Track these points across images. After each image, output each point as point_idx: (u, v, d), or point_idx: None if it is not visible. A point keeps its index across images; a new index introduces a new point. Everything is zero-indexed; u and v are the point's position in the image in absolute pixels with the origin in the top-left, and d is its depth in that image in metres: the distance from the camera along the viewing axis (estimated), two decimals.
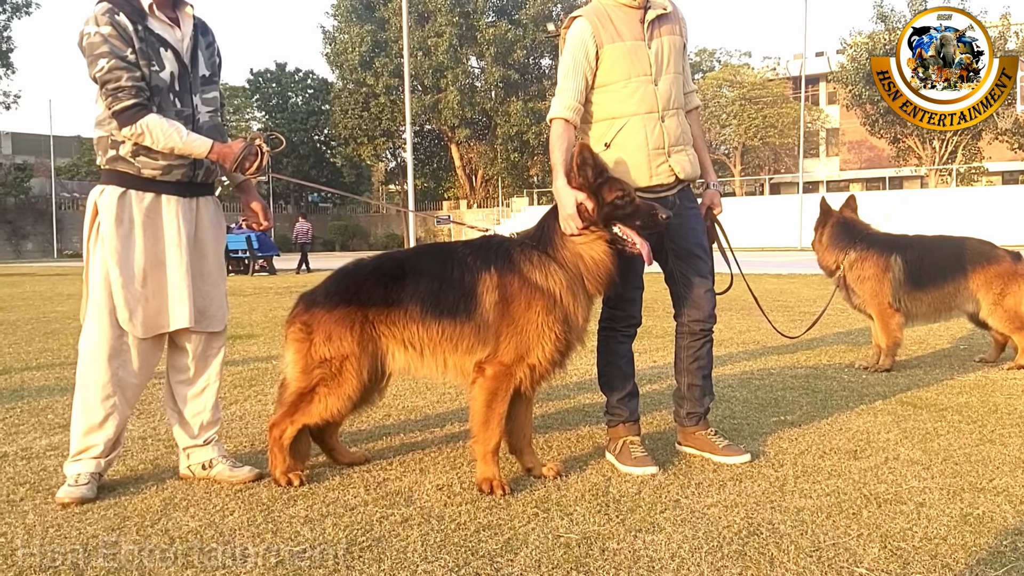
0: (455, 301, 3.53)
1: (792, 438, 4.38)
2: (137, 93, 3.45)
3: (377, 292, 3.61)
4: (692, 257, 4.03)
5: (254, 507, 3.37)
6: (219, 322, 3.81)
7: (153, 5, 3.55)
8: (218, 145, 3.57)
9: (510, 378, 3.51)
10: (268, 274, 23.48)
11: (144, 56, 3.48)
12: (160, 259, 3.59)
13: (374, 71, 51.26)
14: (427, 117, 52.85)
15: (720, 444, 4.04)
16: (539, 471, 3.75)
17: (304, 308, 3.71)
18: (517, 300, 3.49)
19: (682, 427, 4.17)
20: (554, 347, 3.51)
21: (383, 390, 3.98)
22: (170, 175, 3.57)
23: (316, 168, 57.90)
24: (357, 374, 3.58)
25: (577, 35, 3.89)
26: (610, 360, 4.07)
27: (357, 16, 52.98)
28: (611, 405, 4.07)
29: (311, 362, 3.61)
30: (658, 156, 3.92)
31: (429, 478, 3.76)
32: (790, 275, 17.70)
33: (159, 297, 3.60)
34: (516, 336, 3.48)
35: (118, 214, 3.53)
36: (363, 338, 3.58)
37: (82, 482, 3.52)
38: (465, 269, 3.55)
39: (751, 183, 58.10)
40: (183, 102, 3.61)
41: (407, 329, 3.57)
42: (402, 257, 3.74)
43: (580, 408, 5.19)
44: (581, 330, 3.62)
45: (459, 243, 3.71)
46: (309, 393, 3.62)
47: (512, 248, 3.59)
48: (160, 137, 3.46)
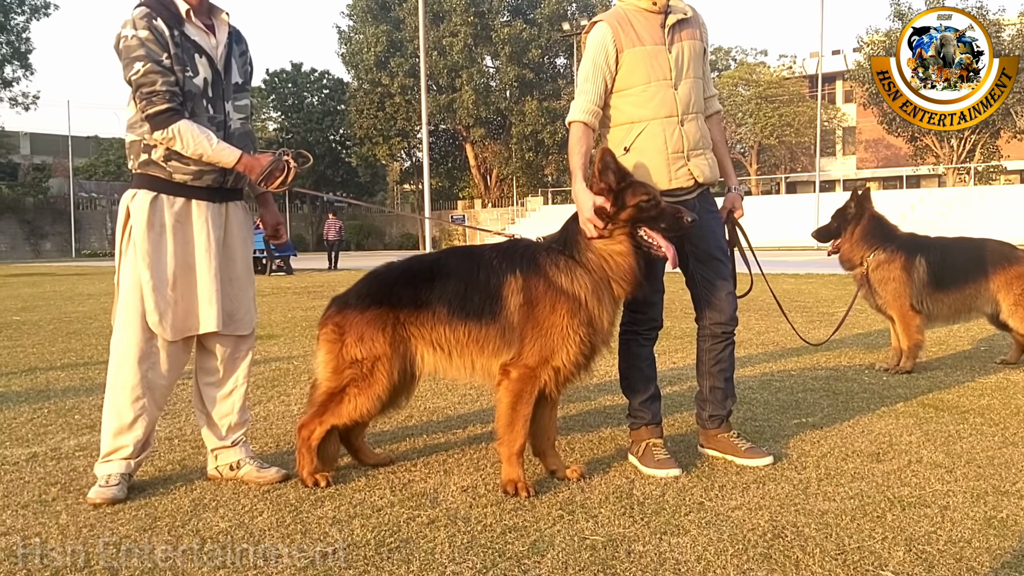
0: (481, 303, 3.57)
1: (814, 440, 4.39)
2: (171, 98, 3.49)
3: (407, 294, 3.65)
4: (712, 260, 4.05)
5: (283, 508, 3.42)
6: (247, 325, 3.86)
7: (190, 11, 3.61)
8: (246, 157, 3.62)
9: (535, 380, 3.54)
10: (285, 274, 23.59)
11: (179, 61, 3.54)
12: (190, 263, 3.65)
13: (389, 71, 51.45)
14: (442, 117, 52.99)
15: (743, 446, 4.06)
16: (562, 473, 3.78)
17: (336, 310, 3.76)
18: (542, 303, 3.52)
19: (704, 429, 4.19)
20: (578, 350, 3.54)
21: (411, 392, 4.02)
22: (201, 180, 3.62)
23: (332, 168, 58.12)
24: (388, 375, 3.63)
25: (597, 39, 3.92)
26: (632, 363, 4.09)
27: (372, 16, 53.18)
28: (633, 408, 4.09)
29: (342, 363, 3.66)
30: (677, 160, 3.94)
31: (454, 479, 3.79)
32: (807, 275, 17.64)
33: (188, 300, 3.65)
34: (540, 339, 3.51)
35: (149, 218, 3.58)
36: (395, 339, 3.62)
37: (113, 483, 3.57)
38: (491, 272, 3.59)
39: (767, 182, 57.97)
40: (216, 108, 3.66)
41: (435, 330, 3.61)
42: (431, 259, 3.79)
43: (601, 410, 5.22)
44: (607, 333, 3.65)
45: (487, 246, 3.74)
46: (339, 393, 3.67)
47: (538, 252, 3.62)
48: (191, 143, 3.51)
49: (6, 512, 3.42)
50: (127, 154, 3.69)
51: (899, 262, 6.46)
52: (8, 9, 48.44)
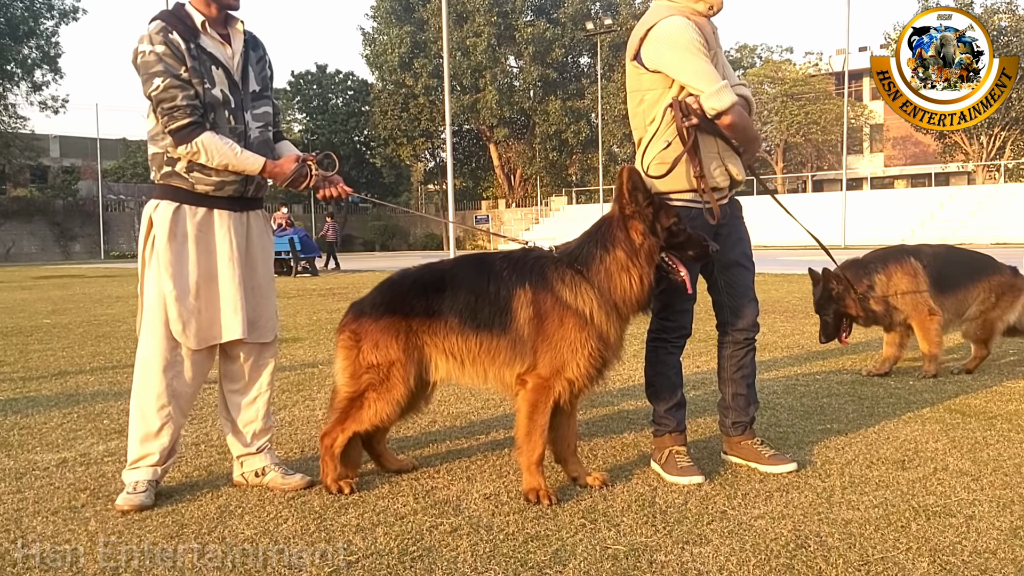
0: (491, 315, 3.60)
1: (838, 447, 4.37)
2: (192, 112, 3.54)
3: (419, 303, 3.69)
4: (736, 267, 4.05)
5: (307, 515, 3.45)
6: (269, 332, 3.90)
7: (205, 23, 3.65)
8: (270, 163, 3.67)
9: (549, 391, 3.56)
10: (310, 275, 23.73)
11: (196, 74, 3.58)
12: (212, 272, 3.69)
13: (413, 72, 51.63)
14: (466, 117, 53.13)
15: (766, 453, 4.05)
16: (584, 480, 3.79)
17: (353, 317, 3.81)
18: (550, 317, 3.54)
19: (727, 436, 4.19)
20: (588, 363, 3.55)
21: (430, 397, 4.06)
22: (222, 191, 3.67)
23: (356, 169, 58.37)
24: (404, 380, 3.66)
25: (692, 29, 3.74)
26: (659, 370, 4.09)
27: (396, 17, 53.38)
28: (658, 415, 4.09)
29: (359, 368, 3.71)
30: (712, 159, 3.91)
31: (476, 487, 3.81)
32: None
33: (211, 309, 3.70)
34: (551, 352, 3.53)
35: (172, 228, 3.63)
36: (408, 346, 3.66)
37: (140, 489, 3.62)
38: (501, 283, 3.62)
39: (793, 180, 57.56)
40: (236, 119, 3.70)
41: (447, 340, 3.65)
42: (443, 269, 3.81)
43: (624, 415, 5.21)
44: (616, 347, 3.66)
45: (498, 255, 3.76)
46: (359, 398, 3.71)
47: (547, 264, 3.63)
48: (215, 155, 3.56)
49: (37, 518, 3.48)
50: (150, 166, 3.74)
51: (900, 270, 6.36)
52: (38, 14, 49.15)
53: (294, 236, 23.54)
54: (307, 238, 24.50)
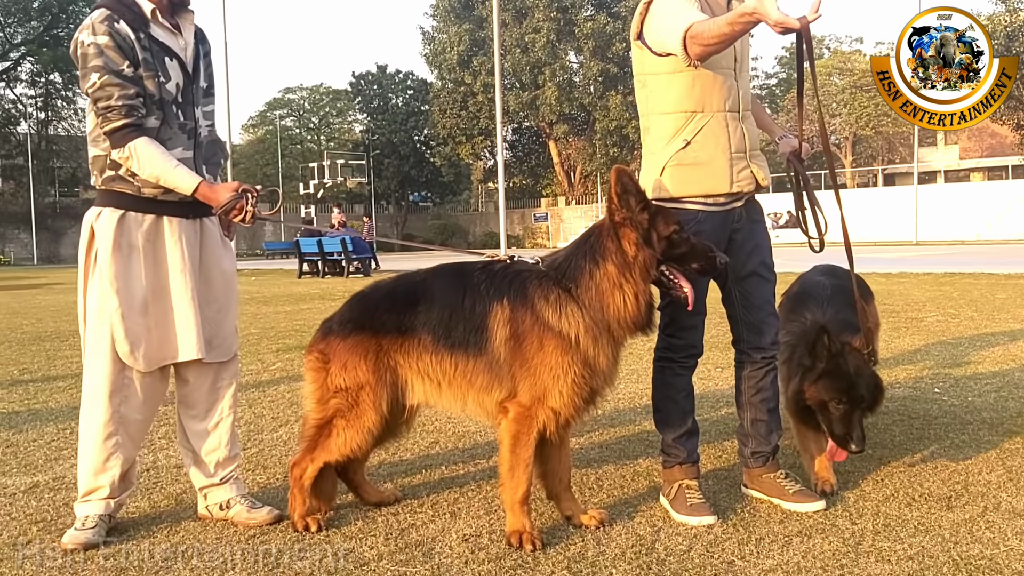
0: (465, 333, 3.20)
1: (877, 479, 3.87)
2: (128, 112, 3.20)
3: (390, 319, 3.31)
4: (754, 277, 3.59)
5: (259, 561, 3.09)
6: (226, 351, 3.56)
7: (156, 11, 3.32)
8: (204, 186, 3.29)
9: (532, 421, 3.14)
10: (363, 276, 23.62)
11: (149, 67, 3.25)
12: (163, 286, 3.37)
13: (472, 70, 51.37)
14: (525, 114, 52.71)
15: (791, 489, 3.58)
16: (579, 519, 3.37)
17: (321, 336, 3.45)
18: (529, 339, 3.12)
19: (747, 468, 3.73)
20: (572, 391, 3.12)
21: (411, 422, 3.68)
22: (171, 194, 3.33)
23: (416, 168, 58.54)
24: (374, 405, 3.29)
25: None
26: (666, 394, 3.65)
27: (456, 15, 53.20)
28: (666, 444, 3.65)
29: (327, 392, 3.36)
30: (740, 160, 3.48)
31: (459, 524, 3.42)
32: (900, 274, 16.64)
33: (163, 327, 3.37)
34: (530, 378, 3.12)
35: (116, 239, 3.31)
36: (379, 367, 3.29)
37: (89, 525, 3.32)
38: (477, 298, 3.21)
39: (864, 174, 55.87)
40: (186, 114, 3.38)
41: (421, 360, 3.27)
42: (417, 280, 3.42)
43: (643, 437, 4.76)
44: (607, 374, 3.22)
45: (478, 266, 3.35)
46: (327, 426, 3.35)
47: (529, 279, 3.21)
48: (147, 165, 3.22)
49: None
50: (91, 170, 3.41)
51: None
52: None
53: (346, 237, 23.44)
54: (359, 239, 24.40)
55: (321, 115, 66.97)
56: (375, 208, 59.03)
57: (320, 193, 50.95)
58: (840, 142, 55.09)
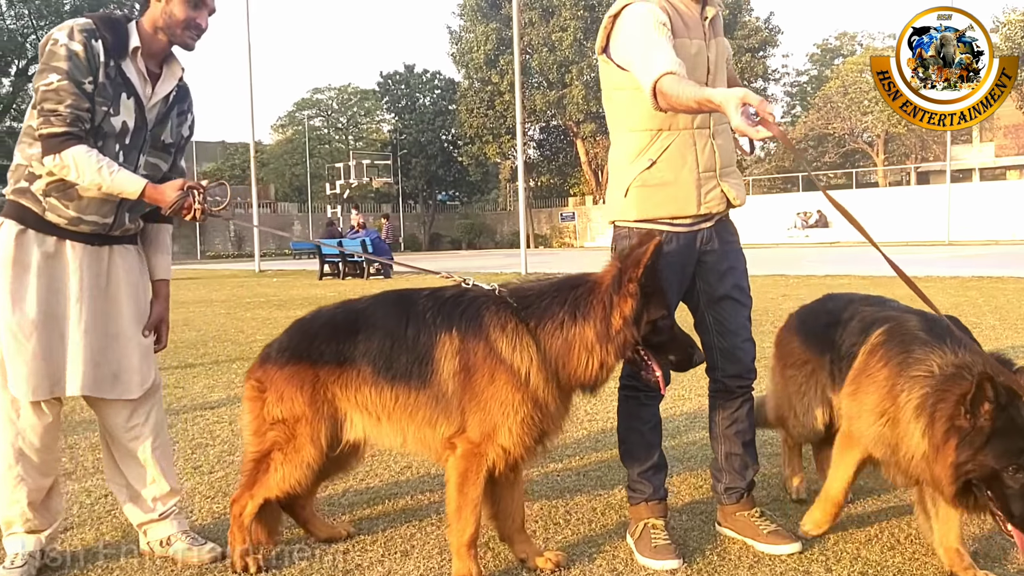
0: (408, 364, 3.00)
1: (861, 519, 3.62)
2: (73, 122, 3.03)
3: (329, 348, 3.12)
4: (727, 301, 3.35)
5: None
6: (135, 388, 3.31)
7: (139, 50, 3.17)
8: (150, 187, 3.12)
9: (480, 458, 2.94)
10: (384, 277, 23.52)
11: (102, 94, 3.08)
12: (55, 312, 3.15)
13: (499, 69, 51.19)
14: (552, 113, 52.45)
15: (765, 529, 3.34)
16: (534, 563, 3.17)
17: (259, 363, 3.27)
18: (480, 372, 2.91)
19: (721, 505, 3.49)
20: (522, 430, 2.91)
21: (360, 456, 3.49)
22: (77, 227, 3.16)
23: (444, 167, 58.47)
24: (312, 439, 3.10)
25: (653, 14, 3.09)
26: (631, 425, 3.43)
27: (483, 15, 53.07)
28: (632, 479, 3.43)
29: (264, 423, 3.18)
30: (709, 180, 3.26)
31: (409, 565, 3.23)
32: (926, 277, 16.16)
33: (52, 357, 3.15)
34: (480, 412, 2.91)
35: (16, 255, 3.12)
36: (315, 399, 3.10)
37: (17, 564, 3.16)
38: (422, 327, 3.01)
39: (896, 172, 54.98)
40: (127, 157, 3.19)
41: (360, 392, 3.07)
42: (359, 308, 3.22)
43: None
44: (555, 418, 3.01)
45: (424, 292, 3.15)
46: (264, 460, 3.18)
47: (485, 307, 3.00)
48: (85, 172, 3.03)
49: None
50: (8, 175, 3.22)
51: None
52: None
53: (366, 238, 23.34)
54: (379, 240, 24.30)
55: (349, 115, 67.12)
56: (403, 207, 59.10)
57: (346, 193, 51.06)
58: (873, 140, 54.25)
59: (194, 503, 4.06)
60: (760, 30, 52.47)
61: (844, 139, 55.28)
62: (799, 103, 63.69)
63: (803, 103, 62.23)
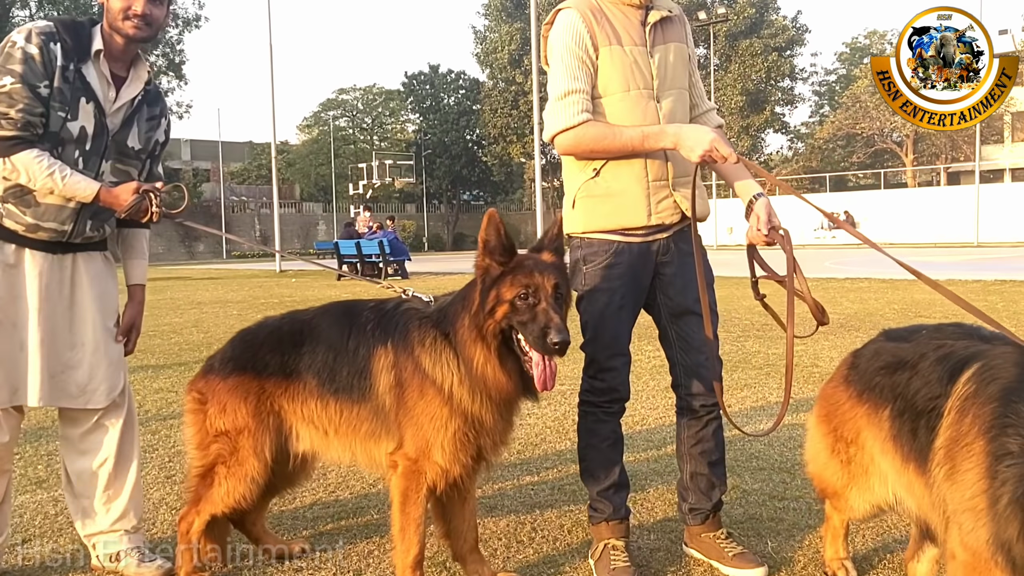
0: (349, 377, 2.92)
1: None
2: (24, 127, 2.96)
3: (274, 359, 3.04)
4: (690, 316, 3.21)
5: None
6: (102, 397, 3.25)
7: (101, 53, 3.09)
8: (104, 190, 3.05)
9: (420, 476, 2.82)
10: (401, 278, 23.51)
11: (59, 98, 3.01)
12: (15, 321, 3.09)
13: (523, 69, 51.09)
14: None
15: (731, 551, 3.21)
16: None
17: (201, 374, 3.19)
18: (410, 386, 2.81)
19: (687, 525, 3.36)
20: (455, 447, 2.78)
21: (308, 471, 3.40)
22: (35, 234, 3.09)
23: (467, 167, 58.45)
24: (256, 452, 3.02)
25: (569, 30, 3.09)
26: (589, 442, 3.30)
27: (507, 14, 53.07)
28: (592, 498, 3.30)
29: (207, 436, 3.10)
30: (660, 189, 3.13)
31: None
32: (949, 281, 15.81)
33: (11, 366, 3.09)
34: (413, 428, 2.80)
35: None
36: (260, 411, 3.02)
37: None
38: (362, 340, 2.92)
39: (927, 173, 54.21)
40: (87, 164, 3.11)
41: (306, 405, 2.99)
42: (305, 319, 3.12)
43: None
44: (494, 432, 2.85)
45: (368, 304, 3.05)
46: (208, 474, 3.09)
47: (411, 321, 2.90)
48: (37, 176, 2.97)
49: None
50: None
51: None
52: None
53: (383, 239, 23.34)
54: (396, 240, 24.29)
55: (374, 115, 67.31)
56: (427, 207, 59.12)
57: (369, 193, 51.18)
58: (902, 140, 53.53)
59: (158, 515, 3.99)
60: (787, 29, 51.98)
61: (873, 139, 54.56)
62: (827, 102, 62.96)
63: (831, 102, 61.51)
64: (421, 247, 53.17)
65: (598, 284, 3.16)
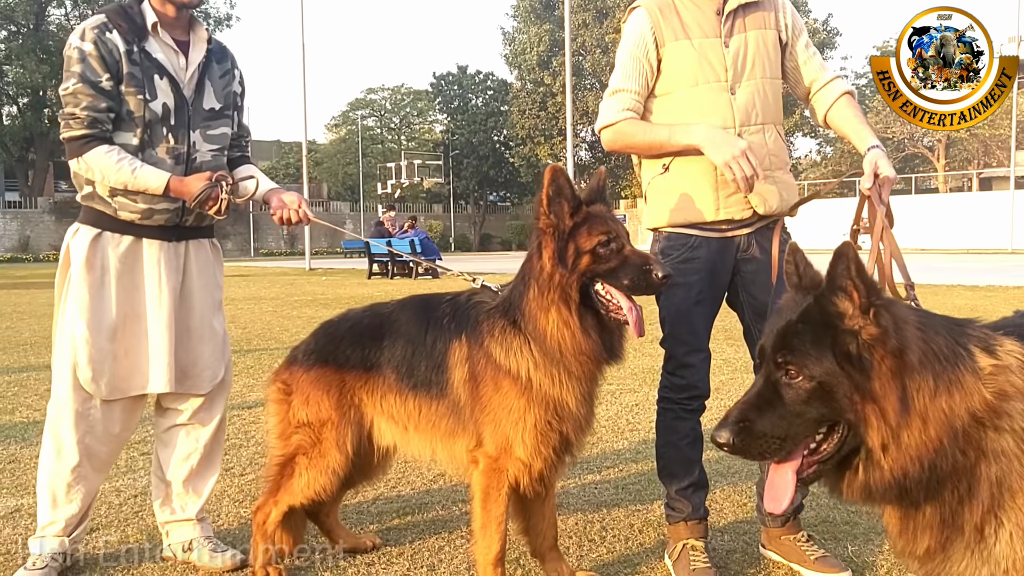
0: (427, 372, 2.88)
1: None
2: (92, 124, 3.00)
3: (355, 353, 3.01)
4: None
5: None
6: (205, 383, 3.31)
7: (157, 25, 3.10)
8: (175, 180, 3.06)
9: (500, 474, 2.78)
10: (432, 277, 23.52)
11: (134, 83, 3.03)
12: (137, 312, 3.15)
13: (552, 70, 51.11)
14: None
15: (813, 555, 3.14)
16: None
17: (285, 365, 3.18)
18: (484, 380, 2.76)
19: (765, 527, 3.30)
20: (537, 440, 2.73)
21: (386, 465, 3.38)
22: (151, 219, 3.13)
23: (495, 168, 58.48)
24: (338, 444, 2.99)
25: (634, 30, 3.12)
26: (668, 439, 3.25)
27: (536, 16, 53.04)
28: (670, 496, 3.25)
29: (289, 426, 3.08)
30: (728, 184, 3.05)
31: None
32: (988, 287, 15.61)
33: (133, 355, 3.15)
34: (492, 424, 2.75)
35: (89, 258, 3.10)
36: (342, 404, 2.99)
37: (39, 566, 3.10)
38: (439, 334, 2.89)
39: (958, 178, 53.63)
40: (177, 138, 3.14)
41: (386, 400, 2.96)
42: (384, 312, 3.09)
43: None
44: (578, 417, 2.78)
45: (446, 297, 3.02)
46: (289, 464, 3.07)
47: (480, 311, 2.85)
48: (108, 174, 3.01)
49: None
50: (75, 184, 3.19)
51: None
52: None
53: (415, 238, 23.35)
54: (427, 240, 24.27)
55: (402, 115, 67.54)
56: (454, 208, 59.18)
57: (397, 193, 51.33)
58: (933, 145, 52.98)
59: (221, 506, 3.98)
60: (818, 32, 51.60)
61: (904, 143, 54.06)
62: None
63: (862, 106, 60.94)
64: (448, 247, 53.21)
65: (675, 278, 3.11)
